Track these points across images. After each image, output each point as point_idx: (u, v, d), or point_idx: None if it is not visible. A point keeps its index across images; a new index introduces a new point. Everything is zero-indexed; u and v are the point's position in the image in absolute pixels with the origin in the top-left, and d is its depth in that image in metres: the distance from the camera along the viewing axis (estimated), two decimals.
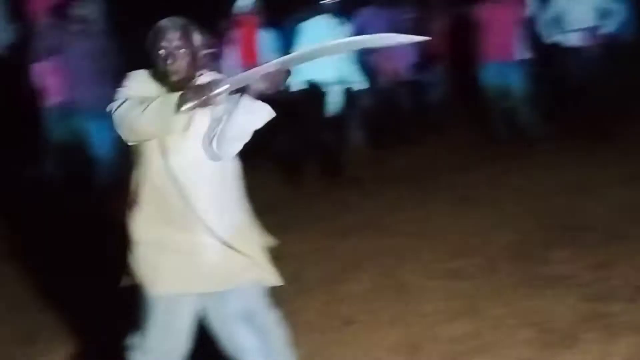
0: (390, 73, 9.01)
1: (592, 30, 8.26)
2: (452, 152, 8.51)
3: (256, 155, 8.83)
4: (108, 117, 4.45)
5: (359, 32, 8.19)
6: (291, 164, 7.97)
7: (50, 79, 7.57)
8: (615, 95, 8.40)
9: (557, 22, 8.41)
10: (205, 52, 3.01)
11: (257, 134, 2.82)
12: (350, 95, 7.91)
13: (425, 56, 9.28)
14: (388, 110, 9.14)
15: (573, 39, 8.37)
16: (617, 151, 7.67)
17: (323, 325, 4.34)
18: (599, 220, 5.73)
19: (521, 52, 8.37)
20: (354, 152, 8.56)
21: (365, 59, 8.54)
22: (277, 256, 4.61)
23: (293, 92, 7.34)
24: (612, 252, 5.07)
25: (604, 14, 8.28)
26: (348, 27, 7.82)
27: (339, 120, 7.84)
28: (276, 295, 4.53)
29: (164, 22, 2.93)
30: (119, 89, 3.02)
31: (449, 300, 4.52)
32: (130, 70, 3.02)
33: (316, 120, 7.56)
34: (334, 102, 7.60)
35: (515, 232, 5.61)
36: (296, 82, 7.36)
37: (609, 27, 8.31)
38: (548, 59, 8.68)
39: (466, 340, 3.99)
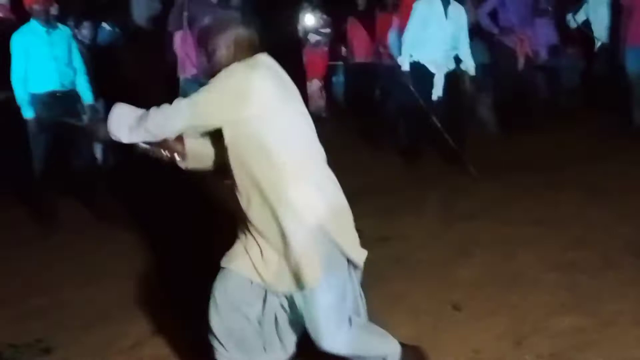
0: (528, 56, 8.85)
1: None
2: (583, 140, 8.27)
3: (377, 137, 9.02)
4: None
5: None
6: (410, 146, 7.96)
7: (187, 51, 7.81)
8: None
9: None
10: None
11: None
12: (472, 79, 7.81)
13: (563, 40, 9.08)
14: (521, 95, 8.96)
15: None
16: None
17: (430, 309, 4.36)
18: None
19: None
20: (481, 137, 8.47)
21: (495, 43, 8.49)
22: (388, 237, 4.64)
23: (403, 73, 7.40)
24: None
25: None
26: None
27: (450, 103, 7.71)
28: (384, 277, 4.63)
29: None
30: None
31: (562, 293, 4.43)
32: None
33: (421, 102, 7.48)
34: (439, 85, 7.52)
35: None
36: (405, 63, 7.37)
37: None
38: None
39: (575, 335, 3.90)
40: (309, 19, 10.91)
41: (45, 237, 6.23)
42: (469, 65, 7.63)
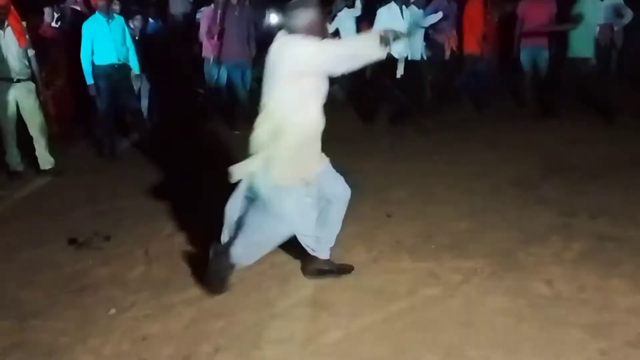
0: (453, 50, 8.93)
1: None
2: (486, 115, 8.35)
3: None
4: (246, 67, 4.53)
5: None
6: (370, 109, 8.06)
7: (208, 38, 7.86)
8: None
9: None
10: None
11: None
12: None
13: None
14: (449, 77, 8.96)
15: None
16: (607, 118, 7.43)
17: (370, 216, 4.56)
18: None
19: None
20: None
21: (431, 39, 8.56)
22: (347, 170, 4.81)
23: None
24: (586, 185, 5.11)
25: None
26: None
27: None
28: None
29: None
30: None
31: (461, 208, 4.67)
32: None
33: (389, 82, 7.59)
34: (400, 67, 7.59)
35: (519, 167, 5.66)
36: None
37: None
38: None
39: (467, 234, 4.18)
40: None
41: (107, 166, 6.35)
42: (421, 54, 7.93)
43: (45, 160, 5.94)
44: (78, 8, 7.84)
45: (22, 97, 5.73)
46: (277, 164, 3.17)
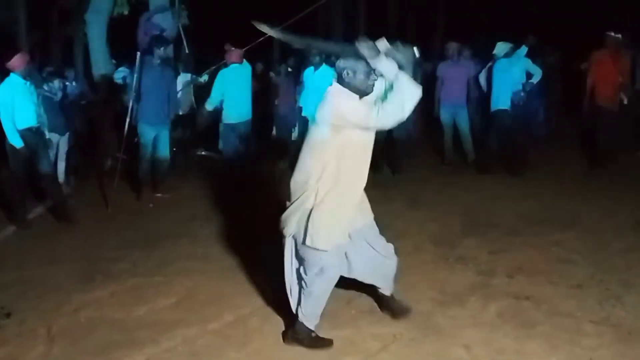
0: None
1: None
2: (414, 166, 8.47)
3: None
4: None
5: None
6: None
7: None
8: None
9: None
10: None
11: None
12: None
13: None
14: None
15: None
16: (523, 174, 7.70)
17: None
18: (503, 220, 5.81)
19: None
20: None
21: None
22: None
23: None
24: (505, 243, 5.16)
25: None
26: None
27: None
28: None
29: None
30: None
31: None
32: None
33: None
34: None
35: (441, 226, 5.68)
36: None
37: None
38: None
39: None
40: None
41: (17, 233, 6.00)
42: None
43: None
44: None
45: None
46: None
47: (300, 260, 3.43)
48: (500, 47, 7.92)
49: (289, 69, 10.79)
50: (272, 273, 4.52)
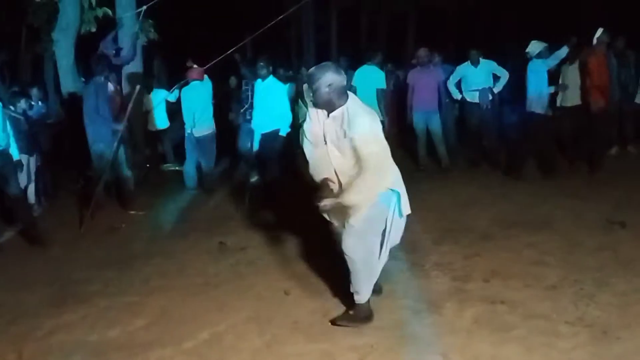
0: None
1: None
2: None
3: None
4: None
5: None
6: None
7: None
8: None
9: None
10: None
11: None
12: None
13: None
14: None
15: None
16: (495, 177, 7.80)
17: (267, 295, 4.41)
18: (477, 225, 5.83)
19: None
20: None
21: None
22: (246, 247, 4.58)
23: None
24: (480, 247, 5.17)
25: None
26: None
27: None
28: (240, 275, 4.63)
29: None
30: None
31: None
32: None
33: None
34: None
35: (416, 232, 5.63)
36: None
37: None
38: None
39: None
40: None
41: None
42: None
43: None
44: None
45: None
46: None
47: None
48: (534, 46, 7.49)
49: None
50: (247, 287, 4.55)
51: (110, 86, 7.14)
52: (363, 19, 20.06)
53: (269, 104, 7.22)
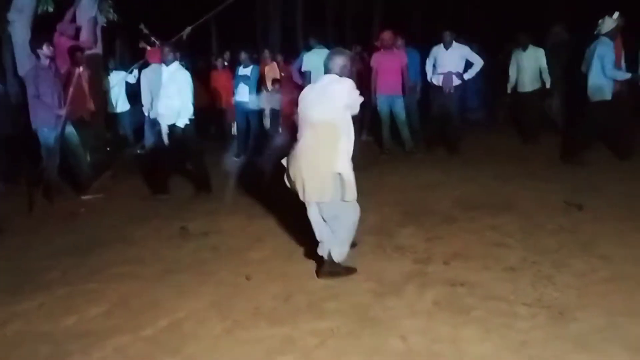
0: None
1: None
2: None
3: None
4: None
5: None
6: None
7: None
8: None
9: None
10: None
11: None
12: None
13: None
14: None
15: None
16: (460, 160, 7.84)
17: (228, 281, 4.36)
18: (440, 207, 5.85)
19: None
20: None
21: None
22: (208, 232, 4.48)
23: None
24: (442, 229, 5.19)
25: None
26: None
27: None
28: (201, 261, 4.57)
29: None
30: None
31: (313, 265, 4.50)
32: None
33: None
34: None
35: (379, 216, 5.64)
36: None
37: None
38: None
39: (324, 290, 4.06)
40: None
41: None
42: None
43: None
44: None
45: None
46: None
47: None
48: (609, 23, 6.99)
49: (225, 63, 10.66)
50: (208, 273, 4.49)
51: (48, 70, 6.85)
52: (329, 3, 19.90)
53: (171, 92, 6.53)
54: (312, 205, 4.22)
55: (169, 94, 6.49)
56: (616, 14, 7.06)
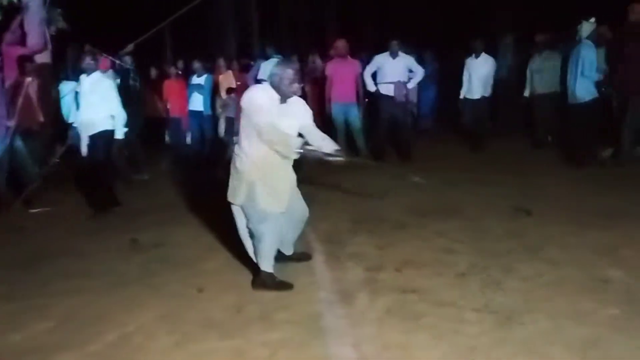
0: None
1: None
2: None
3: None
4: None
5: None
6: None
7: None
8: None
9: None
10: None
11: None
12: None
13: None
14: None
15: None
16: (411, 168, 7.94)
17: (179, 293, 4.30)
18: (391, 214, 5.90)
19: None
20: None
21: None
22: (161, 243, 4.43)
23: None
24: (393, 237, 5.23)
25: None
26: None
27: None
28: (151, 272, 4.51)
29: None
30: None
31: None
32: None
33: None
34: None
35: (332, 224, 5.66)
36: None
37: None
38: None
39: (276, 301, 4.04)
40: None
41: None
42: None
43: None
44: None
45: None
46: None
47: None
48: (587, 27, 7.26)
49: (179, 72, 10.55)
50: (158, 286, 4.41)
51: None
52: (283, 10, 19.91)
53: (94, 101, 6.35)
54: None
55: (91, 103, 6.34)
56: (592, 19, 7.32)
